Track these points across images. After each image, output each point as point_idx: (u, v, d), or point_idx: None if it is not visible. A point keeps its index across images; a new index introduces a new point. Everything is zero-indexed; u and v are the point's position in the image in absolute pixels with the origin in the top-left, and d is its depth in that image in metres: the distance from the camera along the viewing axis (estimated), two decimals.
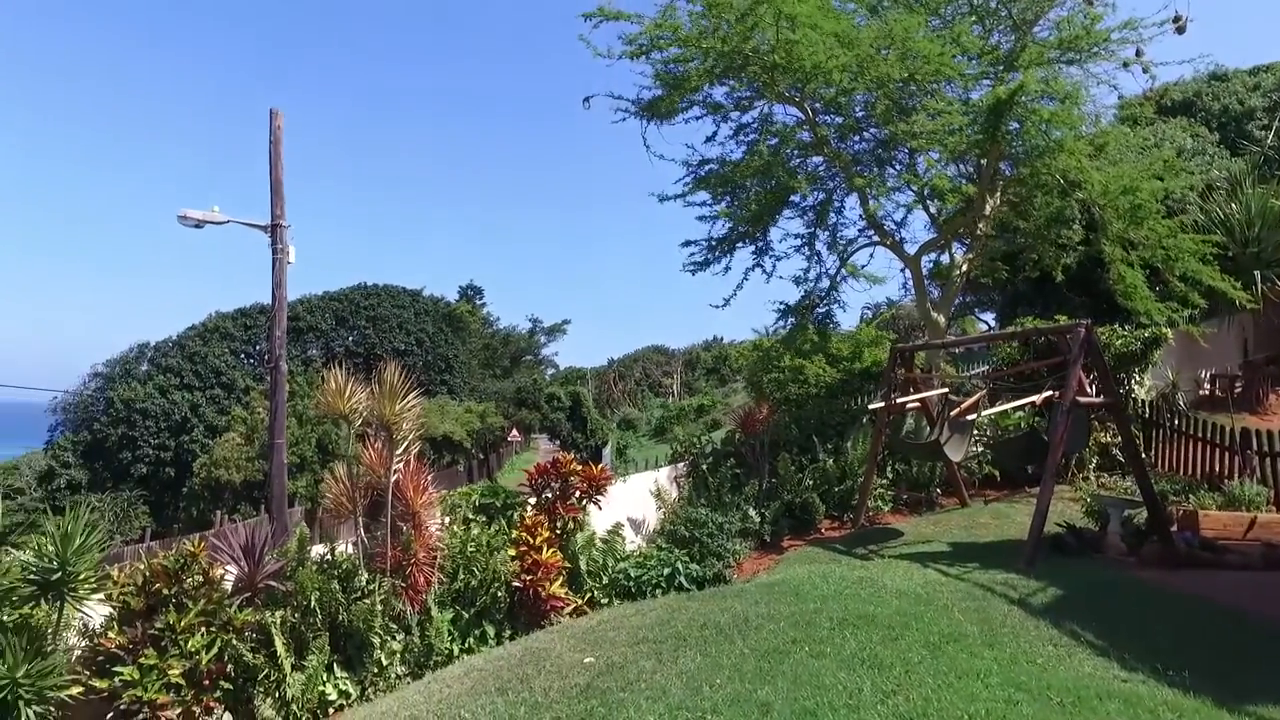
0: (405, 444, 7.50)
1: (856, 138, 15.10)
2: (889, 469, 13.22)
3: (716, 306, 15.08)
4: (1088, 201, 13.86)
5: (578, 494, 9.54)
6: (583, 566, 9.36)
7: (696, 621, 6.28)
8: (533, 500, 9.57)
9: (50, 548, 5.98)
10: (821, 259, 15.66)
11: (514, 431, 54.15)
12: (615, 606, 8.64)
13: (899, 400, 11.47)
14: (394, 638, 7.57)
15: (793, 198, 15.15)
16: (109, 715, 6.11)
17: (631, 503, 11.23)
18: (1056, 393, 9.68)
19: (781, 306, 15.93)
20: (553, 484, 9.48)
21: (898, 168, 14.81)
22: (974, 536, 10.53)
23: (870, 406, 12.62)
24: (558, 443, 57.02)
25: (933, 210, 15.43)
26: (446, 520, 8.64)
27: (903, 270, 16.29)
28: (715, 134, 15.11)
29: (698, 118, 14.93)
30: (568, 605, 8.72)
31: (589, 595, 9.27)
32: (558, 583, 8.51)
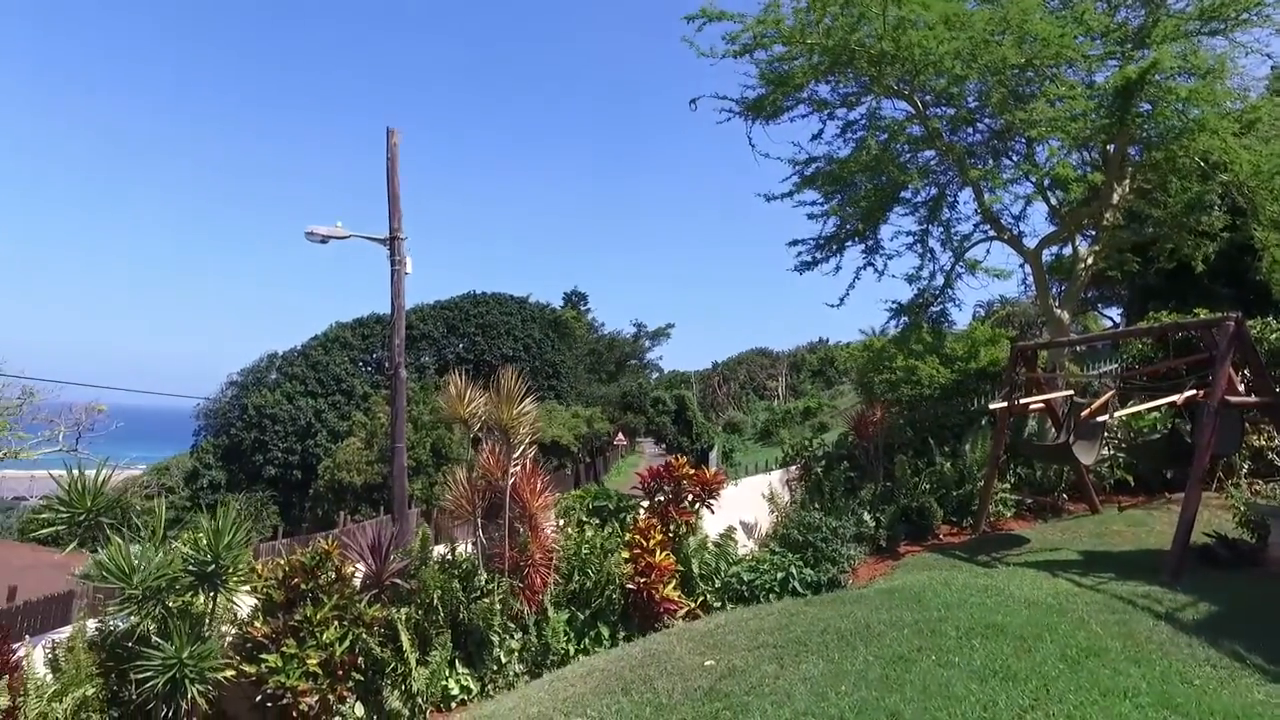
0: (522, 447, 7.68)
1: (970, 129, 14.50)
2: (1010, 473, 12.62)
3: (832, 305, 14.75)
4: (1233, 184, 12.82)
5: (690, 497, 9.53)
6: (695, 570, 9.34)
7: (816, 627, 6.16)
8: (645, 503, 9.62)
9: (204, 542, 6.43)
10: (935, 256, 15.13)
11: (619, 435, 54.59)
12: (730, 610, 8.58)
13: (1021, 401, 10.94)
14: (512, 636, 7.76)
15: (904, 194, 14.70)
16: (258, 698, 6.52)
17: (743, 506, 11.14)
18: (1199, 392, 9.00)
19: (894, 305, 15.47)
20: (665, 487, 9.51)
21: (1015, 158, 14.13)
22: (1107, 545, 9.91)
23: (991, 407, 12.08)
24: (663, 446, 57.15)
25: (1054, 201, 14.64)
26: (561, 523, 8.80)
27: (1021, 265, 15.55)
28: (821, 131, 14.83)
29: (803, 115, 14.69)
30: (681, 608, 8.72)
31: (701, 599, 9.24)
32: (671, 585, 8.53)
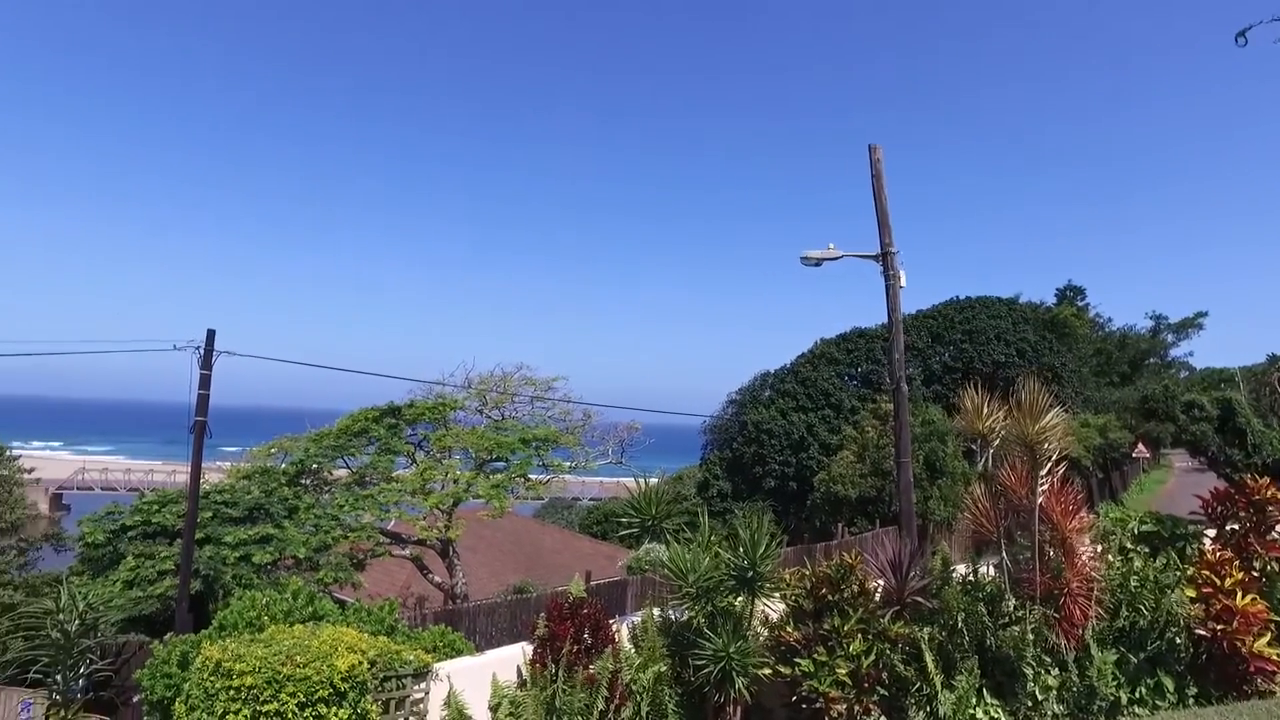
0: (1049, 464, 6.98)
1: None
2: None
3: None
4: None
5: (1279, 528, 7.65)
6: None
7: None
8: (1210, 532, 7.99)
9: (741, 550, 7.13)
10: None
11: (1139, 446, 46.87)
12: None
13: None
14: (1048, 671, 7.06)
15: None
16: (792, 698, 6.97)
17: None
18: None
19: None
20: (1239, 513, 7.77)
21: None
22: None
23: None
24: (1201, 459, 47.43)
25: None
26: (1098, 548, 7.77)
27: None
28: None
29: None
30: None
31: None
32: (1264, 639, 6.90)
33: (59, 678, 11.07)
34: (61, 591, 11.79)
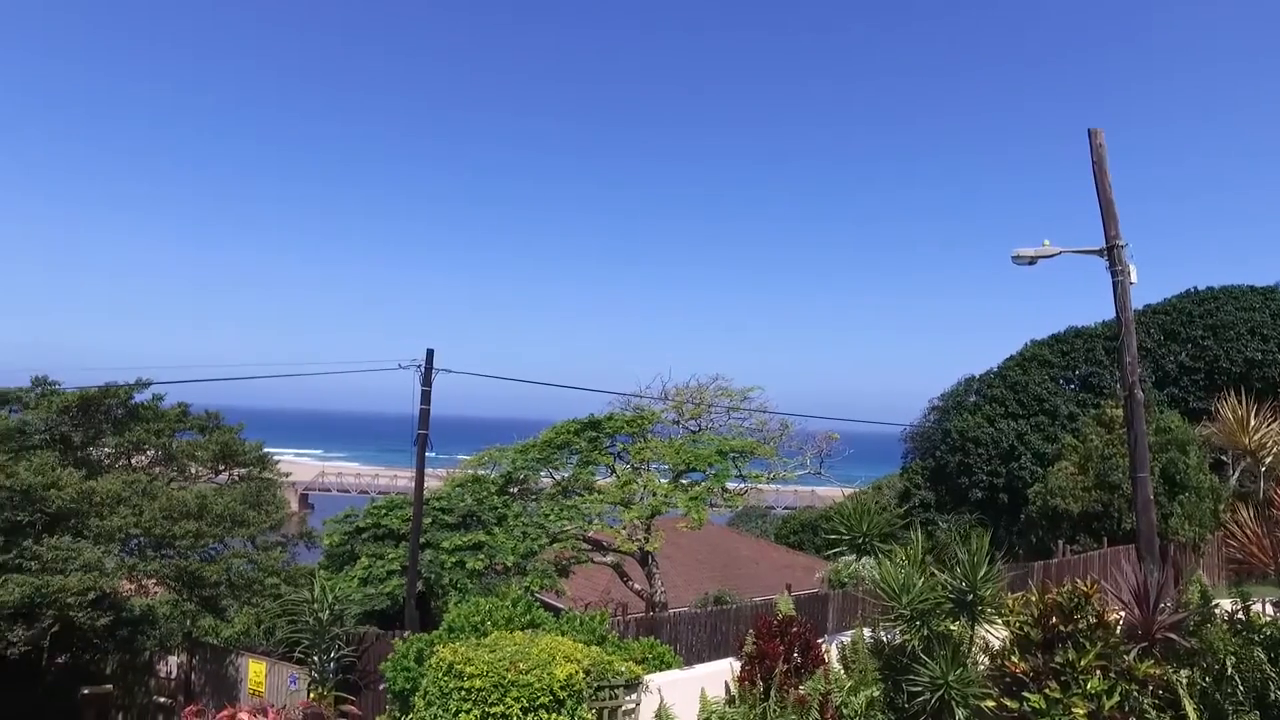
0: None
1: None
2: None
3: None
4: None
5: None
6: None
7: None
8: None
9: (959, 570, 6.70)
10: None
11: None
12: None
13: None
14: None
15: None
16: None
17: None
18: None
19: None
20: None
21: None
22: None
23: None
24: None
25: None
26: None
27: None
28: None
29: None
30: None
31: None
32: None
33: (316, 658, 12.48)
34: (314, 584, 13.28)
